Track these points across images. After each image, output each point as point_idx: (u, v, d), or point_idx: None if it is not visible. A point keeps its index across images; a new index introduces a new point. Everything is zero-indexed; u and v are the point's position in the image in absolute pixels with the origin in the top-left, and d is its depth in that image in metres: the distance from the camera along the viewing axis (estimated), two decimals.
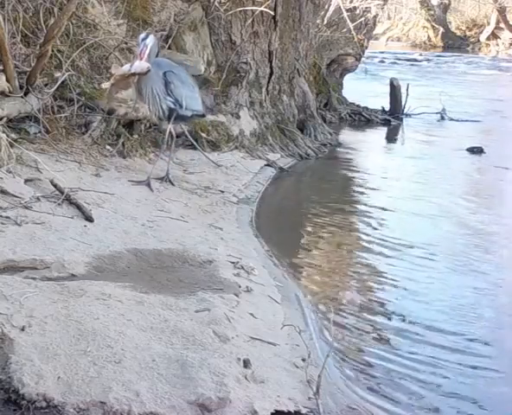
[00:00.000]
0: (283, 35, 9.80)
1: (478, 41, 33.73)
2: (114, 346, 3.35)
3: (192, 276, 4.51)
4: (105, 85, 6.24)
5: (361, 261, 5.78)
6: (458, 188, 8.43)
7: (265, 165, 8.54)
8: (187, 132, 7.96)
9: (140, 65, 5.92)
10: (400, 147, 11.65)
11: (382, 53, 26.71)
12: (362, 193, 8.14)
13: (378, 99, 13.62)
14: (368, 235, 6.49)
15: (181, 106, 6.43)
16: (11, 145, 5.73)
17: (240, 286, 4.47)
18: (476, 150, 10.37)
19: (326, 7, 12.10)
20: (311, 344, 3.99)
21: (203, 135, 8.18)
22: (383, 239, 6.29)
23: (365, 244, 6.23)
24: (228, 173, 7.65)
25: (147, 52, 5.90)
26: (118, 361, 3.24)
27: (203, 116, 7.33)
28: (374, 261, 5.73)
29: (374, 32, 18.62)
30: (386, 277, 5.38)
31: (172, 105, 6.35)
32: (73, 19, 7.25)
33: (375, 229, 6.65)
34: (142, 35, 6.08)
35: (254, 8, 8.99)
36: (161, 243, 5.06)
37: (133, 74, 5.99)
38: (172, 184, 6.64)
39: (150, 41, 5.97)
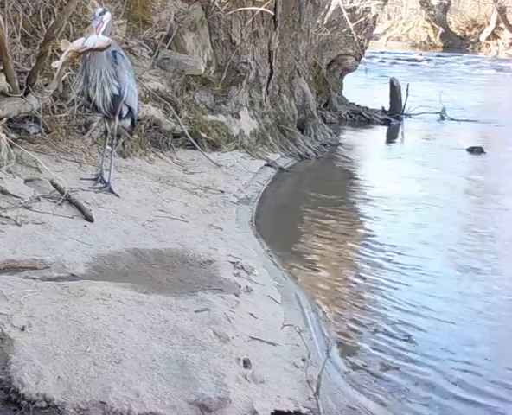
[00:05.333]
0: (283, 35, 9.81)
1: (478, 41, 33.75)
2: (114, 346, 3.35)
3: (192, 276, 4.51)
4: (56, 64, 5.52)
5: (361, 261, 5.78)
6: (458, 188, 8.42)
7: (265, 165, 8.54)
8: (187, 132, 7.97)
9: (99, 39, 5.34)
10: (399, 147, 11.65)
11: (382, 53, 26.71)
12: (362, 193, 8.14)
13: (378, 99, 13.62)
14: (368, 235, 6.50)
15: (121, 96, 5.76)
16: (11, 145, 5.72)
17: (239, 286, 4.48)
18: (476, 150, 10.38)
19: (326, 7, 12.10)
20: (311, 344, 3.99)
21: (203, 135, 8.19)
22: (383, 239, 6.29)
23: (365, 244, 6.23)
24: (228, 173, 7.65)
25: (102, 28, 5.38)
26: (118, 361, 3.24)
27: (133, 124, 6.33)
28: (375, 261, 5.73)
29: (374, 32, 18.64)
30: (386, 278, 5.38)
31: (117, 92, 5.70)
32: (73, 19, 7.24)
33: (376, 229, 6.66)
34: (99, 10, 5.56)
35: (254, 8, 8.99)
36: (161, 243, 5.06)
37: (90, 50, 5.40)
38: (116, 195, 5.90)
39: (107, 17, 5.46)
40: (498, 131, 12.56)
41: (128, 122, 6.17)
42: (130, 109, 5.99)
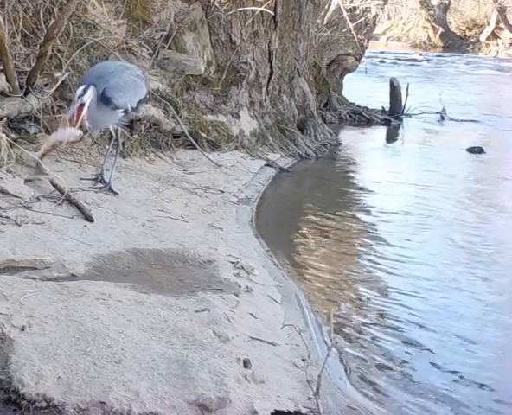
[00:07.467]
0: (283, 35, 9.81)
1: (478, 41, 33.77)
2: (114, 346, 3.35)
3: (192, 276, 4.51)
4: (36, 158, 5.56)
5: (361, 261, 5.78)
6: (458, 189, 8.42)
7: (265, 165, 8.54)
8: (187, 132, 7.97)
9: (72, 133, 5.30)
10: (399, 147, 11.65)
11: (382, 53, 26.73)
12: (362, 193, 8.14)
13: (378, 99, 13.62)
14: (368, 235, 6.50)
15: (127, 112, 5.93)
16: (11, 145, 5.72)
17: (239, 286, 4.48)
18: (476, 150, 10.38)
19: (326, 7, 12.10)
20: (311, 344, 3.99)
21: (203, 135, 8.18)
22: (383, 239, 6.29)
23: (365, 244, 6.23)
24: (228, 173, 7.65)
25: (84, 110, 5.25)
26: (118, 361, 3.24)
27: (146, 100, 6.68)
28: (375, 261, 5.72)
29: (374, 32, 18.62)
30: (385, 277, 5.38)
31: (123, 114, 5.89)
32: (73, 19, 7.24)
33: (375, 229, 6.66)
34: (79, 91, 5.32)
35: (254, 8, 8.99)
36: (161, 243, 5.06)
37: (66, 142, 5.48)
38: (114, 193, 5.97)
39: (89, 96, 5.29)
40: (498, 131, 12.55)
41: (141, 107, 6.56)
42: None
